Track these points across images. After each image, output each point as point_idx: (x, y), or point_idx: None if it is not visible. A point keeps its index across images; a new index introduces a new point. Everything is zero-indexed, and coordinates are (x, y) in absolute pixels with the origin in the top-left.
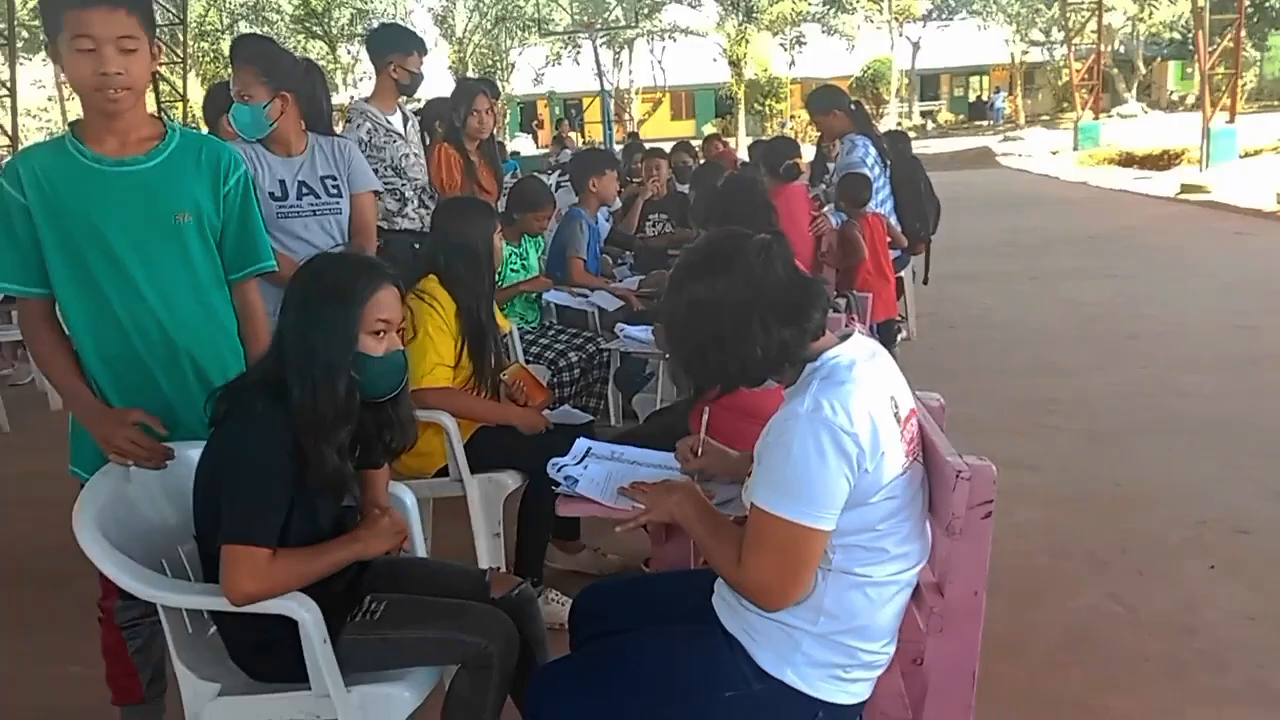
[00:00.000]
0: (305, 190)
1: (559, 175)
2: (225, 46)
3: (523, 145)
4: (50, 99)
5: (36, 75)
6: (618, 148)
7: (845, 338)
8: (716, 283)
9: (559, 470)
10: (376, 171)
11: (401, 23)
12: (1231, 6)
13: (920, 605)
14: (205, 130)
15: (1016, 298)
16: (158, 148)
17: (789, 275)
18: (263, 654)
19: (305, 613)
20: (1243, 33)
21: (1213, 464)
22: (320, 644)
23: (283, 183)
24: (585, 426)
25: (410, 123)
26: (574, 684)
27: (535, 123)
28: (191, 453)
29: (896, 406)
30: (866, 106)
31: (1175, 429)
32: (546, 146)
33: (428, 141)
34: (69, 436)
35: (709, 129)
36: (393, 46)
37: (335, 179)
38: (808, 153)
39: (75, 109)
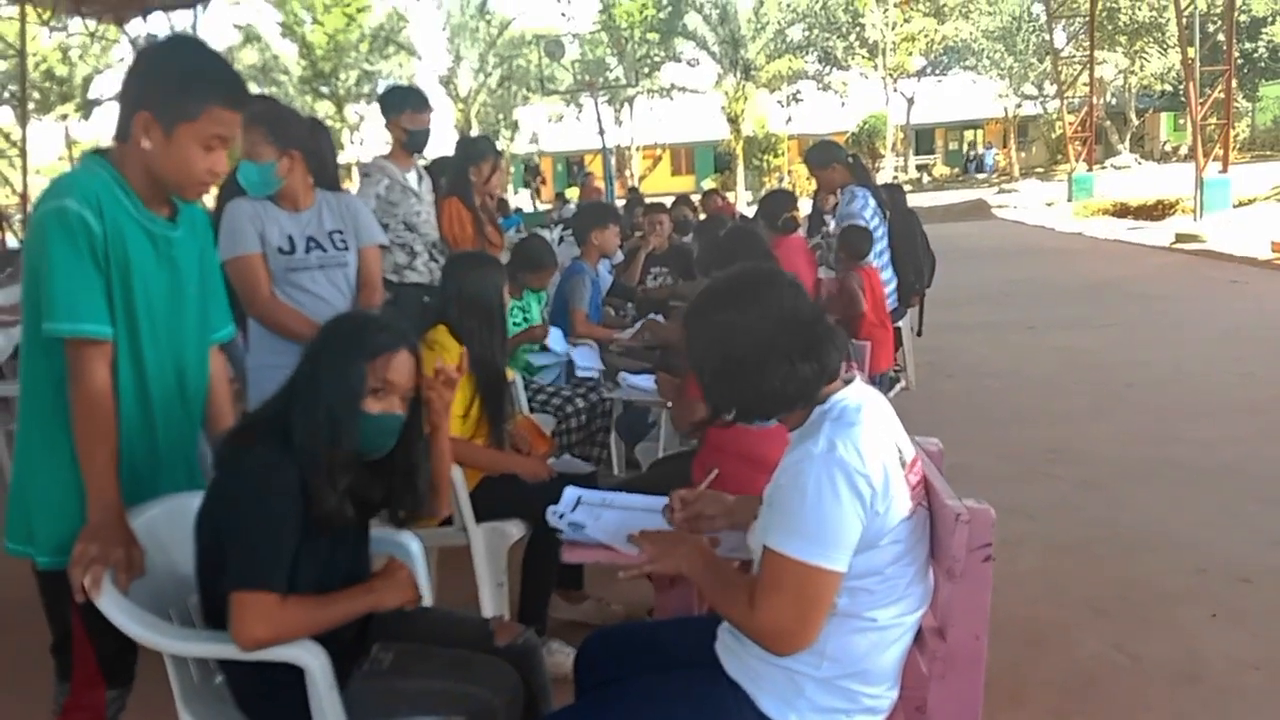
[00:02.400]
0: (313, 245)
1: (561, 229)
2: None
3: (524, 202)
4: (60, 158)
5: (46, 134)
6: (620, 203)
7: (848, 382)
8: (747, 311)
9: (560, 518)
10: (388, 226)
11: (407, 83)
12: (1221, 58)
13: (923, 650)
14: None
15: (1014, 347)
16: (179, 216)
17: (813, 314)
18: (270, 701)
19: (313, 660)
20: (1233, 83)
21: (1213, 511)
22: (327, 691)
23: (290, 238)
24: (588, 476)
25: (424, 181)
26: None
27: (539, 180)
28: (194, 502)
29: (900, 452)
30: (863, 160)
31: (1174, 477)
32: (550, 203)
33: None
34: (16, 504)
35: (708, 183)
36: (394, 105)
37: (342, 233)
38: (804, 206)
39: None
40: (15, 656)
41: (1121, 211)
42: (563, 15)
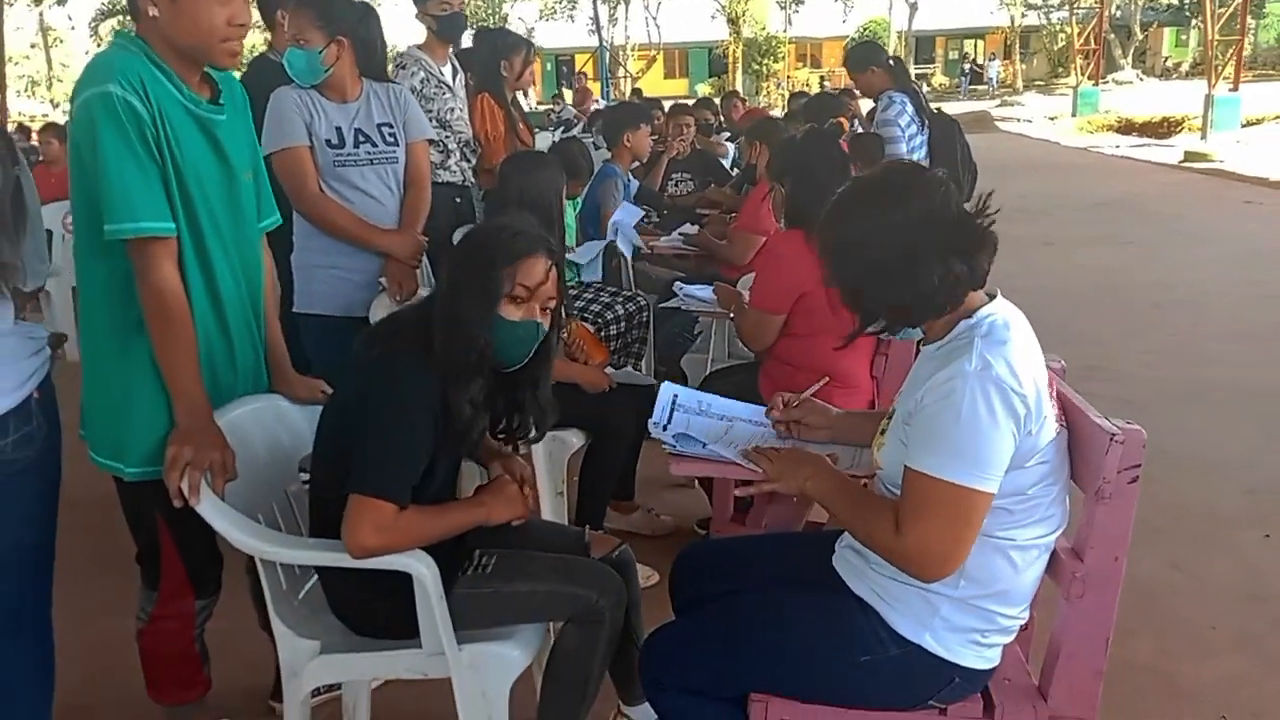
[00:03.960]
0: (362, 138)
1: (560, 132)
2: None
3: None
4: (33, 45)
5: (19, 21)
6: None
7: (992, 296)
8: (894, 209)
9: (664, 430)
10: None
11: None
12: None
13: (1058, 572)
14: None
15: (1035, 264)
16: (222, 97)
17: (961, 213)
18: (370, 609)
19: (424, 569)
20: None
21: (1255, 433)
22: (438, 601)
23: (339, 130)
24: (648, 388)
25: (459, 76)
26: (700, 645)
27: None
28: (280, 405)
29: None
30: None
31: (1214, 398)
32: (543, 103)
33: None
34: (92, 414)
35: (703, 88)
36: None
37: (392, 127)
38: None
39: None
40: (89, 558)
41: (1126, 128)
42: None
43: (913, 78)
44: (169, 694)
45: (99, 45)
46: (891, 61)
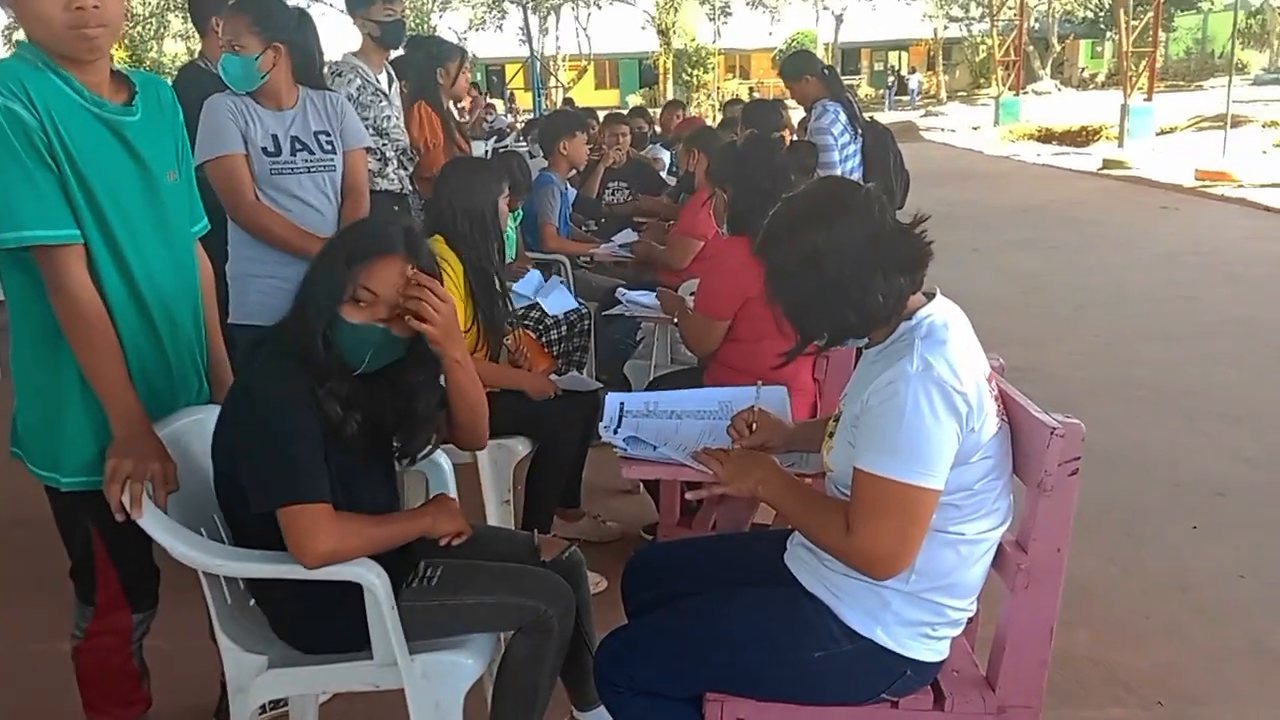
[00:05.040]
0: (299, 146)
1: (494, 141)
2: (138, 4)
3: None
4: None
5: None
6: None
7: (930, 296)
8: (835, 228)
9: (614, 433)
10: None
11: None
12: None
13: (1003, 565)
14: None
15: (962, 269)
16: (135, 98)
17: (898, 227)
18: (313, 624)
19: (375, 578)
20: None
21: (1178, 431)
22: (389, 611)
23: (275, 138)
24: (593, 394)
25: (394, 83)
26: (653, 647)
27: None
28: (213, 412)
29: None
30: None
31: (1137, 397)
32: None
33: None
34: (25, 425)
35: (634, 98)
36: (356, 1)
37: (329, 134)
38: None
39: None
40: (21, 580)
41: (1046, 137)
42: None
43: (845, 86)
44: (107, 712)
45: (6, 47)
46: (825, 71)
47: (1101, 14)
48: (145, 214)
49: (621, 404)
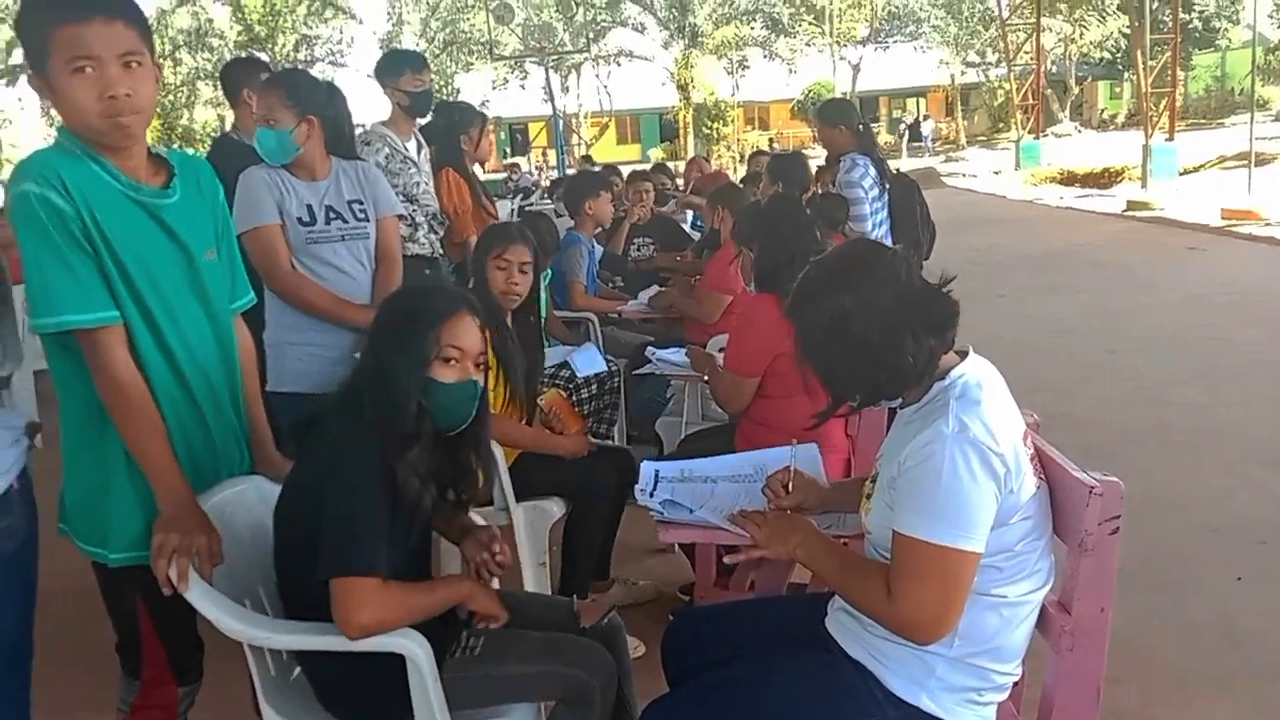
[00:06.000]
0: (333, 215)
1: (519, 198)
2: (169, 74)
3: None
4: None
5: None
6: (571, 171)
7: (963, 354)
8: (862, 290)
9: (650, 496)
10: None
11: (397, 47)
12: (1160, 26)
13: (1047, 627)
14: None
15: (989, 315)
16: (172, 181)
17: (925, 285)
18: (357, 694)
19: (418, 649)
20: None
21: (1216, 476)
22: (433, 682)
23: (310, 208)
24: (626, 452)
25: (424, 150)
26: (698, 716)
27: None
28: (263, 487)
29: (1020, 425)
30: (808, 129)
31: (1172, 441)
32: (497, 171)
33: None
34: (73, 502)
35: (655, 152)
36: (392, 69)
37: (362, 203)
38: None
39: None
40: (66, 653)
41: (1069, 179)
42: None
43: (878, 143)
44: None
45: (50, 125)
46: (861, 126)
47: (1118, 55)
48: (184, 292)
49: (656, 472)
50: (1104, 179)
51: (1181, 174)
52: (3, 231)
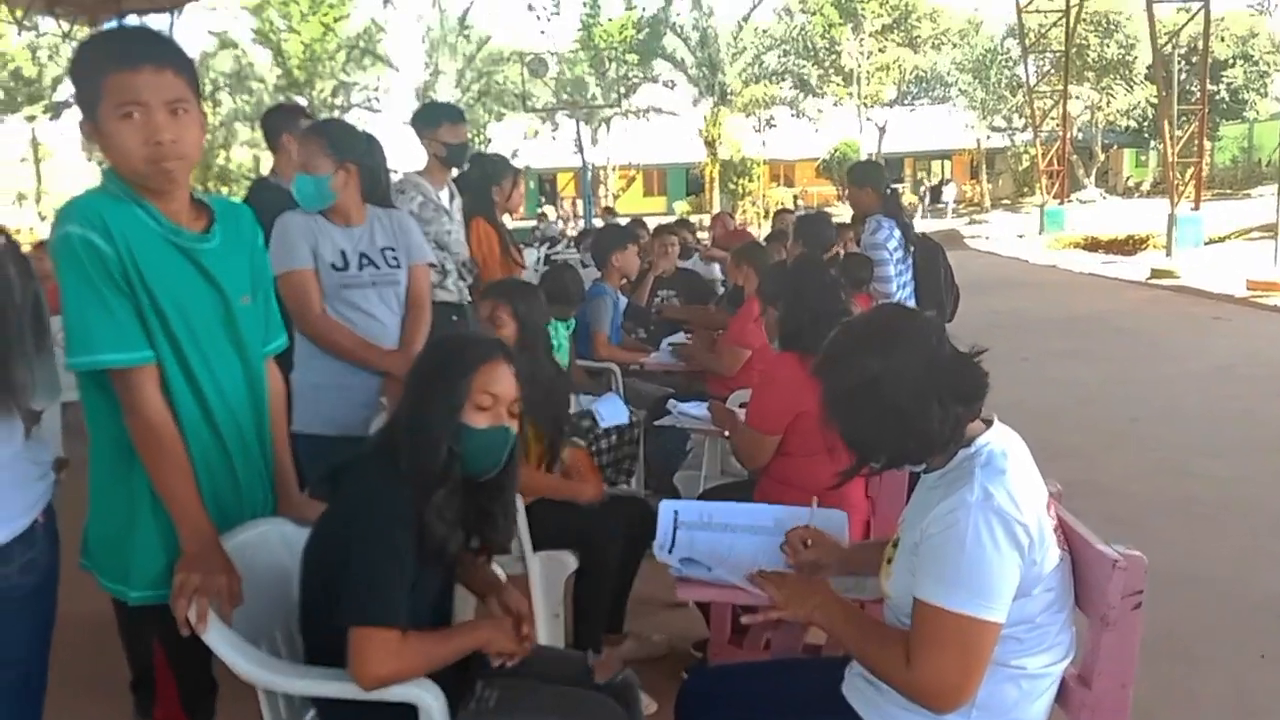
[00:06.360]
0: (366, 261)
1: (546, 247)
2: (209, 114)
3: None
4: (23, 159)
5: (11, 134)
6: (596, 222)
7: (989, 423)
8: (892, 356)
9: (669, 552)
10: None
11: (432, 98)
12: (1188, 97)
13: (1066, 700)
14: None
15: (1012, 379)
16: (213, 226)
17: (955, 354)
18: None
19: (433, 700)
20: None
21: (1241, 550)
22: None
23: (344, 253)
24: (639, 503)
25: (455, 199)
26: None
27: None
28: (285, 529)
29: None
30: (833, 187)
31: (1196, 513)
32: (524, 220)
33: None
34: (96, 538)
35: (680, 206)
36: (430, 120)
37: (394, 250)
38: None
39: (52, 169)
40: (77, 682)
41: (1093, 245)
42: (541, 33)
43: (903, 207)
44: None
45: (89, 159)
46: (889, 190)
47: (1145, 124)
48: (218, 335)
49: (676, 513)
50: (1128, 246)
51: (1206, 243)
52: (42, 264)
